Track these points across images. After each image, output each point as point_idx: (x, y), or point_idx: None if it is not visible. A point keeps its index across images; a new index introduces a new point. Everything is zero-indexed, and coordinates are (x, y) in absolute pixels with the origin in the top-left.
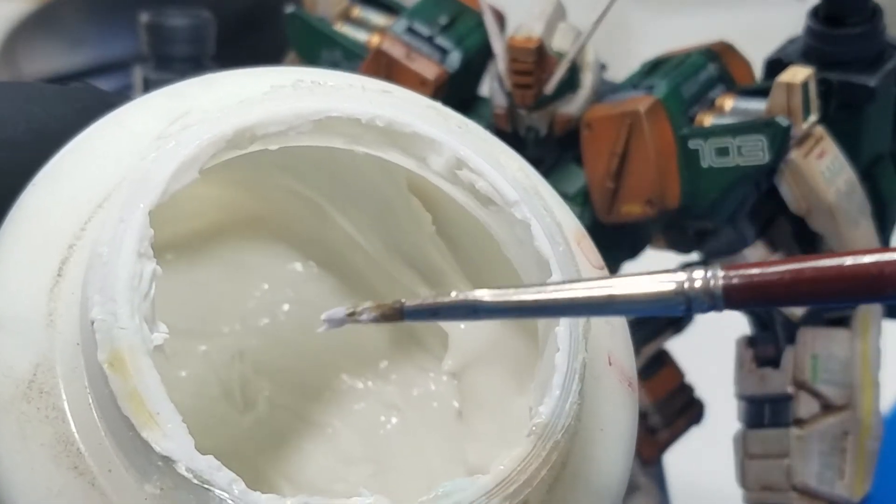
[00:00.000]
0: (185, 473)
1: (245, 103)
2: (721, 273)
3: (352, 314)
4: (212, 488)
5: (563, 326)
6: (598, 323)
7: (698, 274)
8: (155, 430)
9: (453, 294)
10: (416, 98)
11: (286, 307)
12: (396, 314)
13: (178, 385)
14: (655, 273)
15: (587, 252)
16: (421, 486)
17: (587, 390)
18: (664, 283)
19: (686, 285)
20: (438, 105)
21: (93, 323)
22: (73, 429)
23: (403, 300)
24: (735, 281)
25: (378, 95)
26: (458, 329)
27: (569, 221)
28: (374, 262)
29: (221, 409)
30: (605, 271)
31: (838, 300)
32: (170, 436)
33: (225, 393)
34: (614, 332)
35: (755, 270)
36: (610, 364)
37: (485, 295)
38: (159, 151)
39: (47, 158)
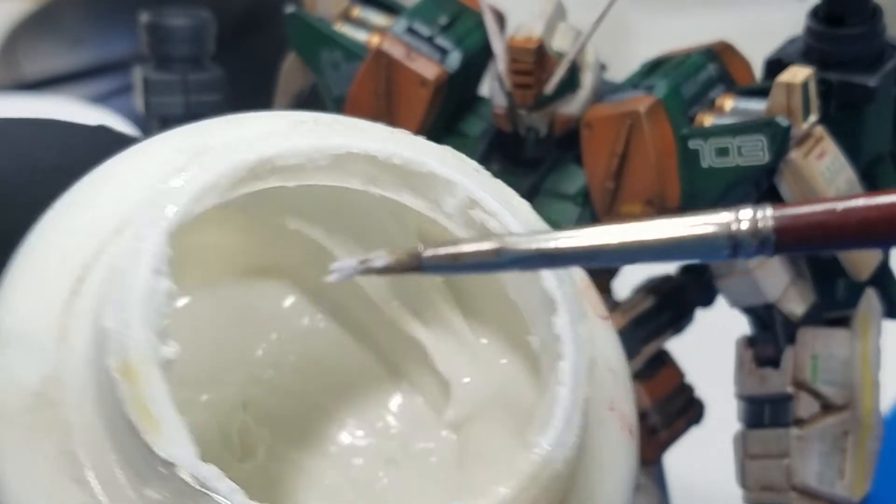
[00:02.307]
0: (188, 479)
1: (266, 135)
2: (771, 212)
3: (364, 261)
4: (214, 494)
5: (568, 361)
6: (601, 370)
7: (746, 214)
8: (159, 435)
9: (475, 244)
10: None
11: (292, 359)
12: (413, 262)
13: None
14: (697, 214)
15: (592, 302)
16: None
17: (588, 435)
18: (707, 225)
19: (733, 227)
20: (451, 149)
21: (105, 330)
22: (78, 441)
23: (422, 247)
24: (788, 221)
25: (394, 135)
26: (461, 380)
27: (576, 269)
28: (378, 312)
29: (219, 455)
30: (609, 322)
31: None
32: (173, 442)
33: (223, 439)
34: (616, 380)
35: (809, 208)
36: (611, 410)
37: (511, 240)
38: (181, 175)
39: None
